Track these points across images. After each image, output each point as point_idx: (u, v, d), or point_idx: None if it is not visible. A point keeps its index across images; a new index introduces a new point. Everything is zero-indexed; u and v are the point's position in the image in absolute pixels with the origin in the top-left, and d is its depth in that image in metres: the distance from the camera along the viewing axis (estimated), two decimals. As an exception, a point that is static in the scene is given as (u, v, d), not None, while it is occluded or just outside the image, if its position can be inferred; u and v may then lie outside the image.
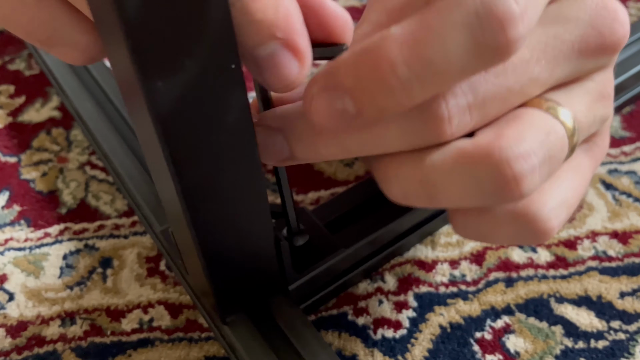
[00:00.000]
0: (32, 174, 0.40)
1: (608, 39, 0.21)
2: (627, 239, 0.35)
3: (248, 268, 0.26)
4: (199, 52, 0.17)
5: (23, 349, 0.31)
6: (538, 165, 0.19)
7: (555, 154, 0.20)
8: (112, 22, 0.16)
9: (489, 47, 0.17)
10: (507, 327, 0.31)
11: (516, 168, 0.19)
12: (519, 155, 0.19)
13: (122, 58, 0.17)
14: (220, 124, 0.20)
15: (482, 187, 0.20)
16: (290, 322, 0.28)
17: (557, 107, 0.21)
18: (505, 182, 0.19)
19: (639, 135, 0.40)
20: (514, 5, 0.17)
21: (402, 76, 0.18)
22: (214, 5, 0.17)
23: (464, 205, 0.21)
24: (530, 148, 0.19)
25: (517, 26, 0.17)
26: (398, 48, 0.17)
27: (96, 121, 0.39)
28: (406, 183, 0.21)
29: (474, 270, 0.33)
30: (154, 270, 0.34)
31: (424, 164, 0.21)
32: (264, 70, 0.19)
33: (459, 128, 0.20)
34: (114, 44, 0.17)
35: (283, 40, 0.19)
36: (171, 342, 0.31)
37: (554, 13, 0.21)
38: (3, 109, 0.45)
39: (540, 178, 0.20)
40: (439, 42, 0.17)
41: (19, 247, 0.36)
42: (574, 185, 0.22)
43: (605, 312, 0.31)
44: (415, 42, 0.17)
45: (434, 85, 0.18)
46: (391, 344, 0.31)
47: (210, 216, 0.23)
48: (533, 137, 0.20)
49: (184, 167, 0.20)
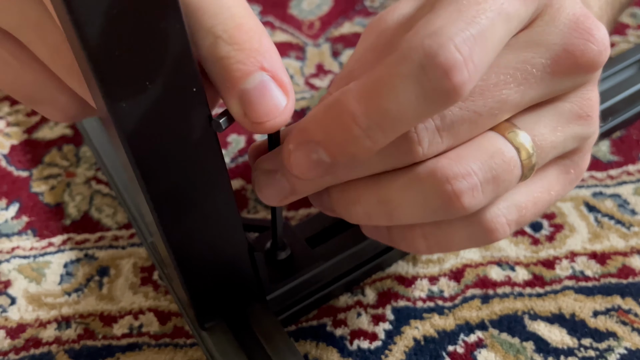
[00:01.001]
0: (41, 187, 0.43)
1: (581, 58, 0.22)
2: (606, 260, 0.35)
3: (223, 277, 0.28)
4: (160, 77, 0.19)
5: (20, 350, 0.33)
6: (479, 184, 0.21)
7: (501, 174, 0.21)
8: (81, 52, 0.18)
9: (437, 94, 0.18)
10: (479, 342, 0.32)
11: (456, 186, 0.21)
12: (458, 174, 0.21)
13: (93, 84, 0.19)
14: (185, 140, 0.22)
15: (429, 203, 0.21)
16: (264, 329, 0.30)
17: (516, 131, 0.22)
18: (447, 199, 0.21)
19: (627, 160, 0.41)
20: (455, 54, 0.18)
21: (364, 125, 0.19)
22: (173, 36, 0.19)
23: (419, 220, 0.23)
24: (471, 168, 0.21)
25: (462, 71, 0.18)
26: (356, 101, 0.19)
27: (101, 139, 0.42)
28: (366, 204, 0.23)
29: (452, 287, 0.35)
30: (147, 280, 0.36)
31: (381, 184, 0.23)
32: (252, 103, 0.20)
33: (430, 149, 0.21)
34: (87, 73, 0.19)
35: (270, 72, 0.20)
36: (158, 347, 0.33)
37: (524, 39, 0.22)
38: (19, 127, 0.48)
39: (485, 196, 0.21)
40: (391, 93, 0.19)
41: (24, 255, 0.38)
42: (532, 192, 0.24)
43: (577, 330, 0.32)
44: (370, 94, 0.19)
45: (394, 130, 0.20)
46: (366, 355, 0.32)
47: (182, 227, 0.24)
48: (475, 158, 0.21)
49: (153, 179, 0.22)
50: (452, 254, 0.36)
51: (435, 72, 0.18)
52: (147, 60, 0.19)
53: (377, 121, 0.19)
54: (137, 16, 0.18)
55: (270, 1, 0.60)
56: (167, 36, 0.18)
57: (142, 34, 0.18)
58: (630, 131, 0.43)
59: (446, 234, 0.23)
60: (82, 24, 0.17)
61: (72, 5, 0.16)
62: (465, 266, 0.35)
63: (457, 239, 0.23)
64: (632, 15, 0.53)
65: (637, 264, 0.35)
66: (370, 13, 0.57)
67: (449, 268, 0.35)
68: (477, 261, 0.36)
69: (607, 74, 0.44)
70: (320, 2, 0.59)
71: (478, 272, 0.35)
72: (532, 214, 0.24)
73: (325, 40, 0.54)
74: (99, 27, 0.17)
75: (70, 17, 0.17)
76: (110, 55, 0.18)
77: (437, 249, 0.24)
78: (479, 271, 0.35)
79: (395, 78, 0.18)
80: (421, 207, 0.22)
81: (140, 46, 0.18)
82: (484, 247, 0.36)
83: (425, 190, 0.21)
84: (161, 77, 0.19)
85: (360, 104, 0.19)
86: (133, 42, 0.18)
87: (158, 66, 0.19)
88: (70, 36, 0.18)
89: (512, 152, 0.22)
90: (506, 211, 0.23)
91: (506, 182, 0.22)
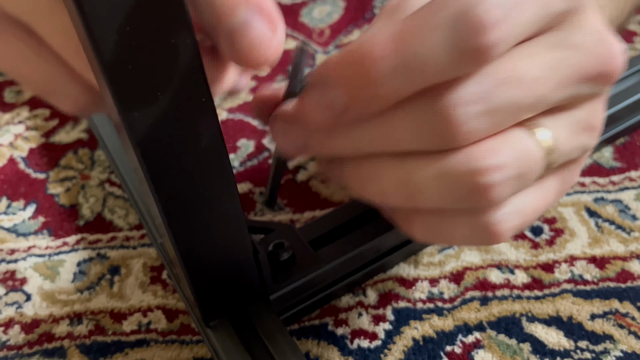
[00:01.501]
0: (57, 189, 0.44)
1: (606, 67, 0.22)
2: (605, 264, 0.36)
3: (228, 277, 0.29)
4: (171, 89, 0.21)
5: (34, 344, 0.35)
6: (509, 178, 0.21)
7: (528, 171, 0.22)
8: (97, 66, 0.19)
9: (465, 50, 0.19)
10: (477, 343, 0.33)
11: (488, 178, 0.21)
12: (493, 167, 0.21)
13: (107, 94, 0.20)
14: (193, 147, 0.23)
15: (457, 190, 0.21)
16: (266, 328, 0.31)
17: (544, 130, 0.22)
18: (476, 189, 0.21)
19: (629, 166, 0.42)
20: (490, 13, 0.18)
21: (384, 70, 0.19)
22: (183, 51, 0.20)
23: (437, 205, 0.22)
24: (504, 161, 0.21)
25: (491, 32, 0.18)
26: (382, 45, 0.19)
27: (115, 143, 0.43)
28: (387, 182, 0.23)
29: (452, 289, 0.35)
30: (156, 279, 0.37)
31: (407, 165, 0.22)
32: (239, 41, 0.20)
33: (469, 135, 0.21)
34: (102, 83, 0.21)
35: (255, 6, 0.20)
36: (165, 343, 0.34)
37: (558, 38, 0.22)
38: (38, 131, 0.49)
39: (512, 189, 0.22)
40: (419, 40, 0.19)
41: (40, 254, 0.40)
42: (534, 200, 0.24)
43: (574, 332, 0.33)
44: (398, 40, 0.19)
45: (415, 82, 0.20)
46: (365, 354, 0.33)
47: (189, 229, 0.26)
48: (509, 153, 0.21)
49: (162, 184, 0.23)
50: (454, 257, 0.37)
51: (467, 27, 0.18)
52: (159, 73, 0.20)
53: (398, 67, 0.19)
54: (150, 32, 0.19)
55: (282, 9, 0.61)
56: (178, 50, 0.20)
57: (154, 48, 0.19)
58: (634, 138, 0.43)
59: (448, 227, 0.23)
60: (98, 39, 0.18)
61: (90, 22, 0.18)
62: (465, 269, 0.36)
63: (457, 234, 0.23)
64: (639, 23, 0.54)
65: (636, 268, 0.35)
66: (379, 21, 0.58)
67: (449, 270, 0.36)
68: (477, 264, 0.36)
69: (612, 81, 0.44)
70: (331, 10, 0.60)
71: (478, 275, 0.36)
72: (530, 222, 0.24)
73: (335, 47, 0.55)
74: (114, 42, 0.18)
75: (88, 33, 0.18)
76: (124, 68, 0.19)
77: (432, 238, 0.24)
78: (478, 274, 0.36)
79: (426, 27, 0.19)
80: (446, 193, 0.22)
81: (152, 60, 0.19)
82: (484, 250, 0.37)
83: (457, 178, 0.21)
84: (172, 89, 0.21)
85: (385, 48, 0.19)
86: (146, 56, 0.19)
87: (169, 78, 0.20)
88: (87, 49, 0.19)
89: (540, 151, 0.22)
90: (511, 217, 0.23)
91: (528, 180, 0.22)
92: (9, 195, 0.44)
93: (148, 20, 0.18)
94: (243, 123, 0.48)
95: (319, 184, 0.42)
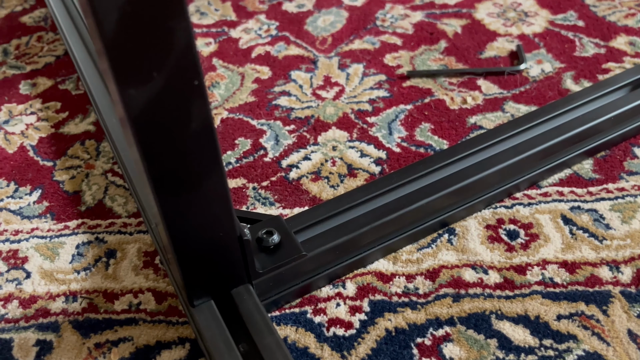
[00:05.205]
0: (62, 176, 0.47)
1: None
2: (575, 269, 0.37)
3: (214, 259, 0.31)
4: (165, 69, 0.23)
5: (30, 318, 0.37)
6: None
7: None
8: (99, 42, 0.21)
9: None
10: (446, 336, 0.34)
11: None
12: None
13: (107, 71, 0.23)
14: (185, 128, 0.25)
15: None
16: (247, 309, 0.33)
17: None
18: None
19: (607, 179, 0.43)
20: None
21: None
22: (178, 34, 0.22)
23: None
24: None
25: None
26: None
27: (120, 136, 0.46)
28: None
29: (427, 285, 0.37)
30: (149, 263, 0.40)
31: None
32: None
33: None
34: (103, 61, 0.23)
35: None
36: (152, 323, 0.36)
37: None
38: (48, 122, 0.52)
39: None
40: None
41: (42, 236, 0.42)
42: None
43: (540, 331, 0.34)
44: None
45: None
46: (340, 341, 0.35)
47: (179, 208, 0.28)
48: None
49: (155, 160, 0.25)
50: (431, 256, 0.39)
51: None
52: (155, 53, 0.22)
53: None
54: (148, 14, 0.21)
55: (288, 18, 0.64)
56: (173, 33, 0.22)
57: (152, 30, 0.22)
58: (615, 152, 0.45)
59: None
60: (101, 18, 0.20)
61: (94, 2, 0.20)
62: (441, 267, 0.38)
63: None
64: (630, 44, 0.55)
65: (604, 274, 0.37)
66: (381, 32, 0.60)
67: (426, 268, 0.38)
68: (453, 263, 0.38)
69: (598, 94, 0.46)
70: (334, 20, 0.62)
71: (453, 273, 0.38)
72: None
73: (336, 54, 0.57)
74: (115, 21, 0.21)
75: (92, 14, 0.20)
76: (123, 47, 0.21)
77: None
78: (453, 272, 0.38)
79: None
80: None
81: (149, 40, 0.22)
82: (461, 250, 0.39)
83: None
84: (166, 69, 0.23)
85: None
86: (143, 37, 0.22)
87: (164, 59, 0.23)
88: (91, 28, 0.22)
89: None
90: None
91: None
92: (17, 180, 0.47)
93: (147, 4, 0.21)
94: (242, 122, 0.50)
95: (309, 183, 0.44)
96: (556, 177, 0.43)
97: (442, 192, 0.39)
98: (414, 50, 0.57)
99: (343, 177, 0.45)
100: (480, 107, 0.50)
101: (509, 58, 0.55)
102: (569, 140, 0.43)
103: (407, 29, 0.60)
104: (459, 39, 0.58)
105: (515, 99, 0.51)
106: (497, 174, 0.41)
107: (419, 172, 0.40)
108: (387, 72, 0.55)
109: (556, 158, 0.43)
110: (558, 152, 0.43)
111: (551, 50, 0.56)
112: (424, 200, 0.39)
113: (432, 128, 0.48)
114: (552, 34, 0.58)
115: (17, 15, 0.69)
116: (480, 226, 0.40)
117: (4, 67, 0.60)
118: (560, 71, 0.53)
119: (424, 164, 0.41)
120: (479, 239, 0.40)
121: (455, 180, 0.40)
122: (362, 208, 0.38)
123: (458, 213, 0.41)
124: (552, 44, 0.56)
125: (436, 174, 0.41)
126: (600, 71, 0.53)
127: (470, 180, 0.40)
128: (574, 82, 0.52)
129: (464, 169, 0.41)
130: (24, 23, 0.68)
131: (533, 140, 0.42)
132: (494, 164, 0.41)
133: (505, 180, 0.42)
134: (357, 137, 0.48)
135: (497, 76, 0.53)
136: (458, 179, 0.40)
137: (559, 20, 0.60)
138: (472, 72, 0.53)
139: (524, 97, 0.51)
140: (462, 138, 0.47)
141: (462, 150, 0.42)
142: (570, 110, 0.45)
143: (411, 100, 0.51)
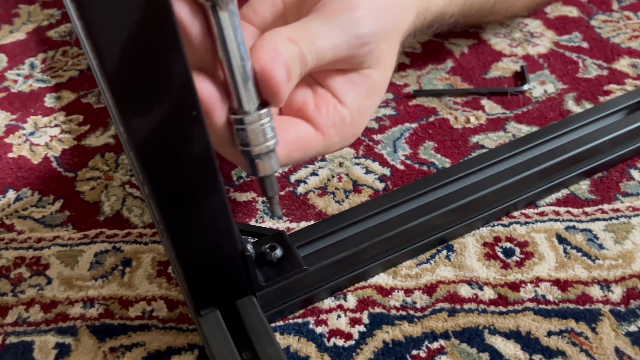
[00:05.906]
0: (83, 187, 0.49)
1: None
2: (567, 287, 0.39)
3: (218, 271, 0.33)
4: (166, 100, 0.25)
5: (50, 322, 0.39)
6: None
7: None
8: (103, 78, 0.24)
9: None
10: (441, 349, 0.36)
11: None
12: None
13: (112, 103, 0.25)
14: (185, 153, 0.27)
15: None
16: (250, 320, 0.35)
17: None
18: None
19: (603, 200, 0.45)
20: None
21: None
22: (176, 69, 0.24)
23: None
24: None
25: None
26: None
27: (137, 149, 0.48)
28: None
29: (424, 299, 0.39)
30: (163, 272, 0.42)
31: None
32: None
33: None
34: (107, 94, 0.25)
35: None
36: (164, 329, 0.38)
37: None
38: (71, 134, 0.55)
39: None
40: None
41: (62, 244, 0.45)
42: None
43: (530, 346, 0.36)
44: None
45: None
46: (339, 351, 0.37)
47: (183, 226, 0.30)
48: None
49: (159, 184, 0.28)
50: (429, 271, 0.40)
51: None
52: (156, 87, 0.24)
53: None
54: (148, 51, 0.23)
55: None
56: (171, 68, 0.24)
57: (152, 65, 0.24)
58: (612, 173, 0.47)
59: None
60: (103, 54, 0.23)
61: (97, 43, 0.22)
62: (439, 282, 0.40)
63: None
64: (632, 66, 0.57)
65: (595, 293, 0.38)
66: (390, 50, 0.62)
67: (424, 283, 0.40)
68: (450, 279, 0.40)
69: (596, 117, 0.48)
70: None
71: (449, 289, 0.39)
72: None
73: (346, 73, 0.59)
74: (117, 58, 0.23)
75: (95, 53, 0.22)
76: (125, 81, 0.24)
77: None
78: (450, 287, 0.39)
79: None
80: None
81: (150, 75, 0.24)
82: (458, 266, 0.41)
83: None
84: (167, 101, 0.25)
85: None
86: (144, 71, 0.24)
87: (164, 92, 0.25)
88: (94, 63, 0.24)
89: None
90: None
91: None
92: (40, 190, 0.49)
93: (146, 43, 0.23)
94: (254, 138, 0.52)
95: (316, 197, 0.47)
96: (553, 197, 0.45)
97: (442, 210, 0.41)
98: (421, 69, 0.59)
99: (348, 193, 0.47)
100: (483, 126, 0.52)
101: (513, 78, 0.57)
102: (567, 161, 0.44)
103: (416, 48, 0.62)
104: (465, 59, 0.60)
105: (517, 119, 0.52)
106: (495, 193, 0.42)
107: (420, 190, 0.42)
108: (394, 90, 0.57)
109: (554, 178, 0.45)
110: (556, 172, 0.44)
111: (555, 71, 0.57)
112: (424, 217, 0.40)
113: (436, 146, 0.50)
114: (556, 54, 0.59)
115: (44, 30, 0.72)
116: (477, 243, 0.42)
117: (30, 80, 0.63)
118: (562, 92, 0.55)
119: (425, 182, 0.43)
120: (475, 255, 0.41)
121: (455, 198, 0.42)
122: (363, 224, 0.40)
123: (457, 230, 0.42)
124: (555, 65, 0.58)
125: (437, 192, 0.43)
126: (601, 93, 0.54)
127: (469, 199, 0.42)
128: (575, 103, 0.53)
129: (463, 188, 0.43)
130: (50, 37, 0.71)
131: (532, 161, 0.44)
132: (493, 184, 0.43)
133: (503, 200, 0.43)
134: (363, 154, 0.50)
135: (501, 96, 0.55)
136: (458, 197, 0.42)
137: (563, 41, 0.61)
138: (476, 92, 0.55)
139: (525, 117, 0.52)
140: (464, 157, 0.49)
141: (463, 169, 0.44)
142: (568, 132, 0.47)
143: (416, 118, 0.53)
